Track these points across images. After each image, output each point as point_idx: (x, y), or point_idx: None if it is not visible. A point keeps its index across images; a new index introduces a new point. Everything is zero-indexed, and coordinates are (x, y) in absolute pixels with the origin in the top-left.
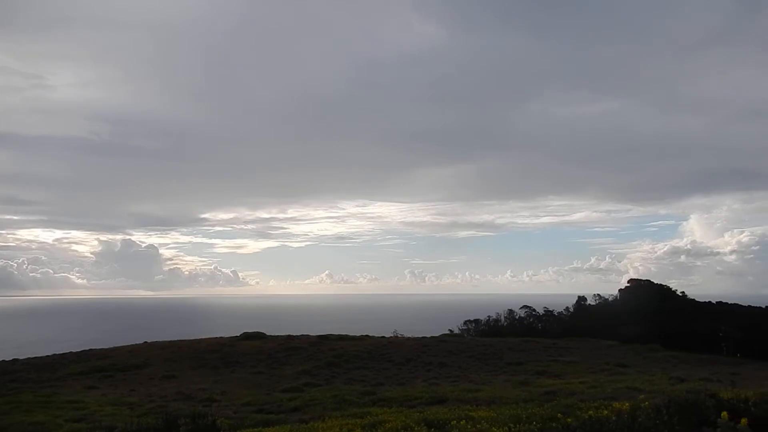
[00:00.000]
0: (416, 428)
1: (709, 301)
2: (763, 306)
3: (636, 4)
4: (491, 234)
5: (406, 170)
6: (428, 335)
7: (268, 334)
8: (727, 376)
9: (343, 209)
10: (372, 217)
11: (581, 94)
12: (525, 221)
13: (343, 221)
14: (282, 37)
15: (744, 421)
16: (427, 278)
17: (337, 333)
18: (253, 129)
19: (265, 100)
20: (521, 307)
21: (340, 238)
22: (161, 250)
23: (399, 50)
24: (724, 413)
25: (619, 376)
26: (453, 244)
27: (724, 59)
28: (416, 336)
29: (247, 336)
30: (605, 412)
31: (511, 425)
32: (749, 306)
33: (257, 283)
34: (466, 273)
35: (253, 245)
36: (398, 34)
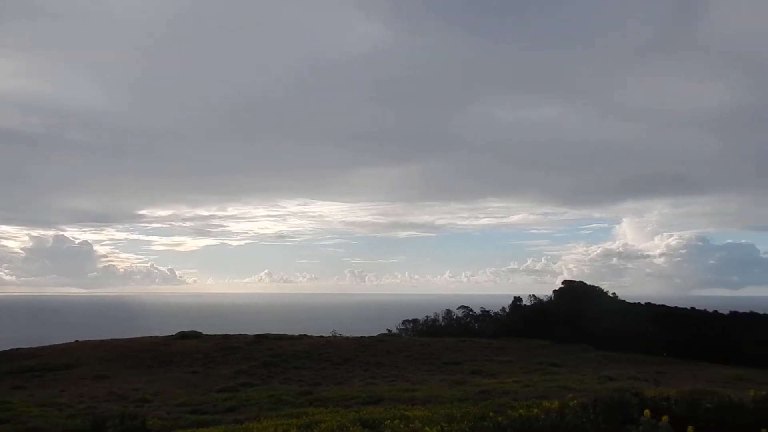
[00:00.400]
0: (351, 428)
1: (639, 302)
2: (689, 307)
3: (577, 12)
4: (431, 235)
5: (349, 170)
6: (367, 335)
7: (204, 333)
8: (653, 375)
9: (284, 208)
10: (313, 216)
11: (522, 98)
12: (465, 222)
13: (283, 220)
14: (225, 33)
15: (665, 418)
16: (366, 278)
17: (275, 332)
18: (195, 125)
19: (207, 96)
20: (459, 308)
21: (281, 236)
22: (96, 247)
23: (343, 49)
24: (647, 411)
25: (552, 375)
26: (393, 245)
27: (657, 69)
28: (355, 336)
29: (183, 335)
30: (535, 410)
31: (444, 424)
32: (676, 307)
33: (195, 281)
34: (406, 273)
35: (192, 243)
36: (343, 34)
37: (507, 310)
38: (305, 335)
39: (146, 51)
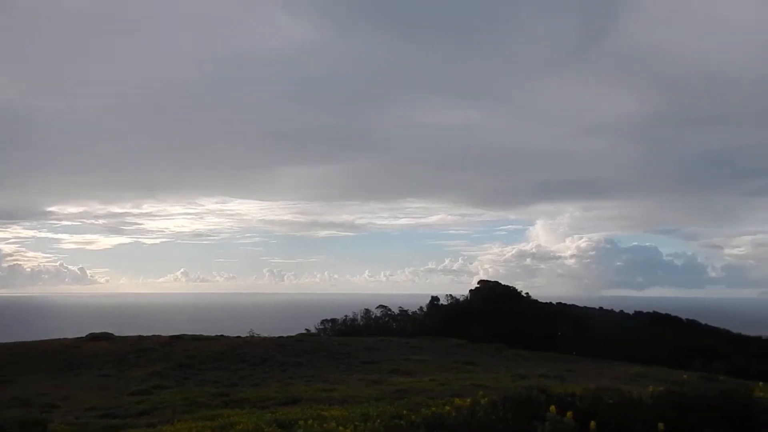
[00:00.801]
0: (267, 429)
1: (550, 302)
2: (597, 307)
3: (497, 20)
4: (351, 234)
5: (269, 168)
6: (285, 335)
7: (117, 334)
8: (563, 373)
9: (202, 206)
10: (231, 215)
11: (444, 101)
12: (384, 222)
13: (201, 218)
14: (142, 26)
15: (569, 414)
16: (285, 277)
17: (191, 333)
18: (109, 119)
19: (122, 90)
20: (377, 307)
21: (198, 235)
22: (0, 245)
23: (266, 47)
24: (553, 407)
25: (467, 373)
26: (313, 244)
27: (571, 77)
28: (273, 336)
29: (93, 337)
30: (447, 408)
31: (358, 423)
32: (585, 307)
33: (107, 281)
34: (325, 272)
35: (104, 241)
36: (265, 31)
37: (425, 309)
38: (222, 336)
39: (58, 43)
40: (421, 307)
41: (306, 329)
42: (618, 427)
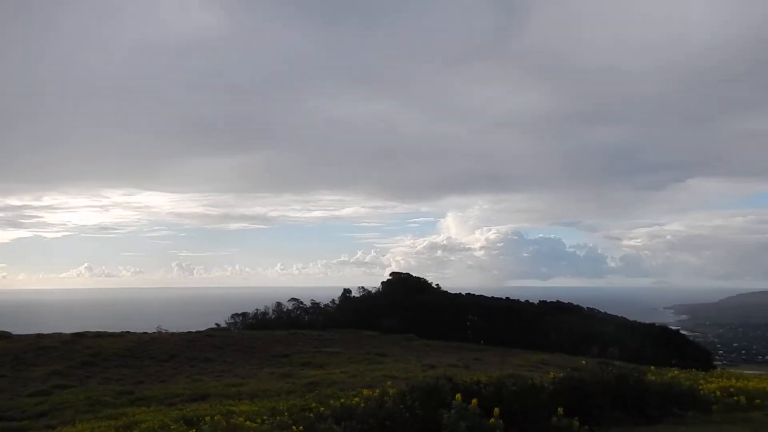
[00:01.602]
0: (173, 426)
1: (460, 293)
2: (504, 297)
3: (411, 16)
4: (263, 227)
5: (178, 159)
6: (194, 330)
7: (14, 333)
8: (471, 362)
9: (107, 198)
10: (139, 207)
11: (356, 93)
12: (297, 215)
13: (106, 210)
14: (42, 8)
15: (474, 401)
16: (195, 271)
17: (94, 330)
18: (6, 106)
19: (20, 75)
20: (289, 300)
21: (103, 228)
22: None
23: (177, 34)
24: (458, 395)
25: (378, 365)
26: (224, 237)
27: (479, 74)
28: (181, 331)
29: None
30: (356, 399)
31: (266, 417)
32: (493, 297)
33: (4, 277)
34: (237, 266)
35: (1, 235)
36: (176, 18)
37: (337, 302)
38: (128, 332)
39: None
40: (333, 300)
41: (216, 324)
42: (520, 412)
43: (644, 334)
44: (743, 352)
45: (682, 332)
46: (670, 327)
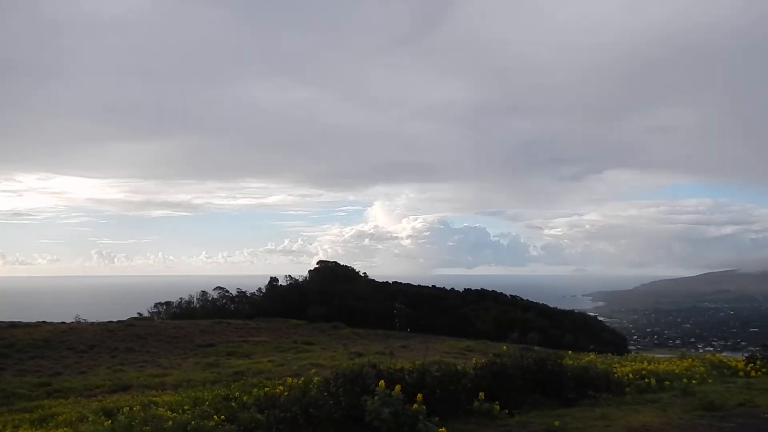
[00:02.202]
0: (91, 418)
1: (387, 281)
2: (431, 286)
3: (335, 4)
4: (187, 214)
5: (98, 143)
6: (115, 319)
7: None
8: (398, 349)
9: (21, 182)
10: (56, 192)
11: (282, 81)
12: (223, 202)
13: (20, 195)
14: None
15: (398, 388)
16: (116, 259)
17: (7, 320)
18: None
19: None
20: (215, 289)
21: (16, 214)
22: None
23: (94, 13)
24: (382, 382)
25: (305, 353)
26: (146, 224)
27: (406, 63)
28: (102, 321)
29: None
30: (280, 388)
31: (187, 408)
32: (419, 285)
33: None
34: (160, 254)
35: None
36: None
37: (263, 290)
38: (44, 322)
39: None
40: (259, 289)
41: (138, 313)
42: (443, 397)
43: (564, 321)
44: (656, 336)
45: (600, 318)
46: (588, 313)
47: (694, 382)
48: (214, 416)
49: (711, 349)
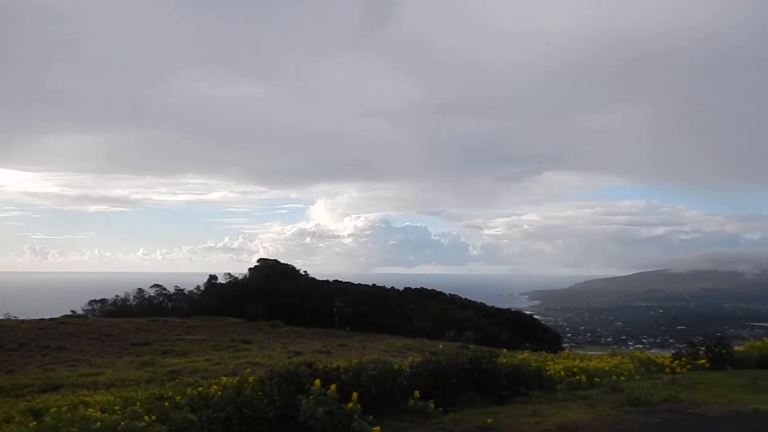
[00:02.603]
0: (18, 418)
1: (327, 280)
2: (371, 284)
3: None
4: (125, 209)
5: (31, 134)
6: (47, 317)
7: None
8: (337, 348)
9: None
10: None
11: (225, 76)
12: (162, 198)
13: None
14: None
15: (333, 387)
16: (50, 255)
17: None
18: None
19: None
20: (152, 286)
21: None
22: None
23: (31, 2)
24: (317, 381)
25: (243, 352)
26: (82, 219)
27: (351, 61)
28: (33, 318)
29: None
30: (214, 387)
31: (118, 408)
32: (359, 284)
33: None
34: (96, 250)
35: None
36: None
37: (202, 288)
38: None
39: None
40: (198, 287)
41: (72, 311)
42: (378, 396)
43: (501, 319)
44: (588, 334)
45: (536, 317)
46: (525, 312)
47: (622, 378)
48: (145, 417)
49: (641, 346)
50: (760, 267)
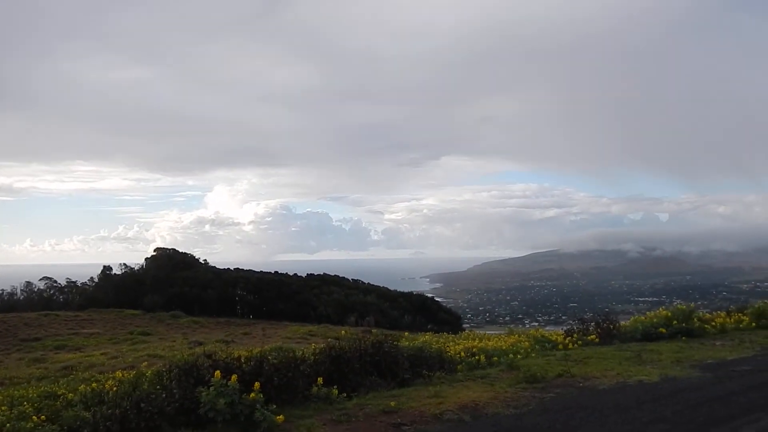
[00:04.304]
0: None
1: (228, 268)
2: (273, 271)
3: None
4: (8, 199)
5: None
6: None
7: None
8: (240, 337)
9: None
10: None
11: (114, 58)
12: (50, 186)
13: None
14: None
15: (234, 377)
16: None
17: None
18: None
19: None
20: (41, 279)
21: None
22: None
23: None
24: (218, 372)
25: (142, 344)
26: None
27: (246, 45)
28: None
29: None
30: (109, 383)
31: (4, 408)
32: (261, 271)
33: None
34: None
35: None
36: None
37: (96, 280)
38: None
39: None
40: (92, 278)
41: None
42: (281, 384)
43: (403, 302)
44: (487, 314)
45: (437, 299)
46: (426, 294)
47: (519, 356)
48: (34, 417)
49: (536, 324)
50: (642, 245)
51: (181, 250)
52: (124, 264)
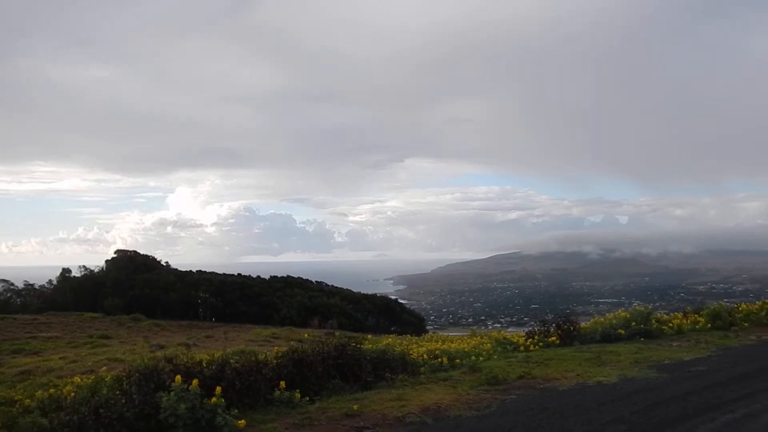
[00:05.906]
0: None
1: (190, 270)
2: (236, 274)
3: None
4: None
5: None
6: None
7: None
8: (203, 339)
9: None
10: None
11: (74, 57)
12: (6, 187)
13: None
14: None
15: (195, 382)
16: None
17: None
18: None
19: None
20: None
21: None
22: None
23: None
24: (178, 377)
25: (102, 348)
26: None
27: (212, 45)
28: None
29: None
30: (68, 388)
31: None
32: (224, 274)
33: None
34: None
35: None
36: None
37: (54, 282)
38: None
39: None
40: (50, 281)
41: None
42: (243, 389)
43: (367, 304)
44: (451, 316)
45: (401, 301)
46: (390, 296)
47: (481, 358)
48: None
49: (498, 325)
50: (602, 247)
51: (142, 252)
52: (84, 266)
